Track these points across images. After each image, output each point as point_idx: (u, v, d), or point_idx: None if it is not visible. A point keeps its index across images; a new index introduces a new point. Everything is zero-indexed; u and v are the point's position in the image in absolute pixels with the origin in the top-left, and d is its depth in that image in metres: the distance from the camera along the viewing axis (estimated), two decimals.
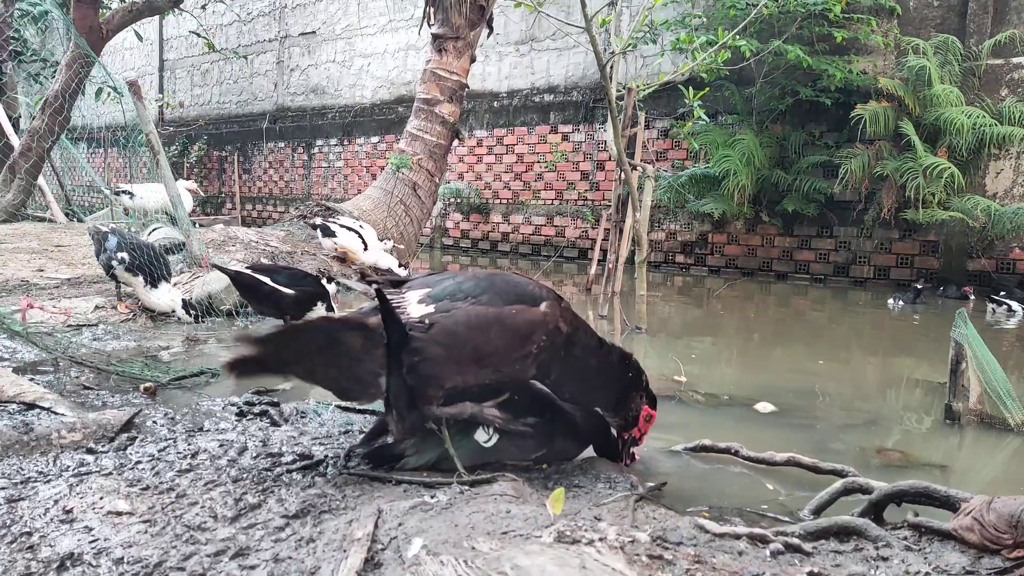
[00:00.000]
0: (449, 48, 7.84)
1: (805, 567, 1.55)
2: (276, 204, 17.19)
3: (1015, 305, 6.84)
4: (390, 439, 2.14)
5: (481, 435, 2.12)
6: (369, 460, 2.13)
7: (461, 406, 2.03)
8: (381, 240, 6.90)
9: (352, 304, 5.33)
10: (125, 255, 4.41)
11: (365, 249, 6.51)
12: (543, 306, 2.08)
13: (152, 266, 4.48)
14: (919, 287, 7.66)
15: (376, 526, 1.61)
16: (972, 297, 7.72)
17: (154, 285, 4.52)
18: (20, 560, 1.49)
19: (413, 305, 2.03)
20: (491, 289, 2.07)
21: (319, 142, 16.19)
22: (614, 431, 2.35)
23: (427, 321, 1.98)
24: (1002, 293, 7.24)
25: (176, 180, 7.80)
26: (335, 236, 6.57)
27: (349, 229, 6.65)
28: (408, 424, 2.06)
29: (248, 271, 4.28)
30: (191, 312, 4.64)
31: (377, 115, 14.89)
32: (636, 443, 2.36)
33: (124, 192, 7.14)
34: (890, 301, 7.53)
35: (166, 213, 7.44)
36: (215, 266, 4.49)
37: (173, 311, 4.63)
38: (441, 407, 2.00)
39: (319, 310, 4.28)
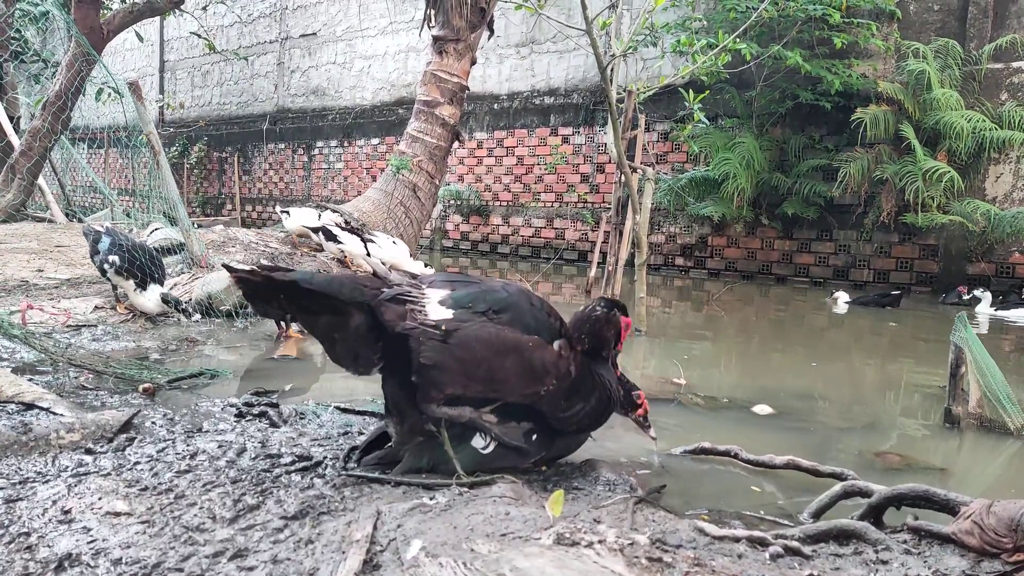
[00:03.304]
0: (449, 50, 7.84)
1: (805, 570, 1.55)
2: (276, 205, 17.18)
3: None
4: (389, 445, 2.14)
5: (479, 441, 2.11)
6: (368, 465, 2.13)
7: (460, 410, 2.03)
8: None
9: None
10: (115, 258, 4.37)
11: (368, 255, 6.50)
12: (557, 345, 2.06)
13: (144, 269, 4.44)
14: (893, 293, 7.78)
15: (375, 528, 1.61)
16: (965, 297, 7.72)
17: (144, 288, 4.49)
18: (18, 560, 1.49)
19: (433, 305, 1.99)
20: (514, 308, 2.04)
21: (319, 144, 16.19)
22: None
23: (444, 328, 1.94)
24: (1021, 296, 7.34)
25: (306, 210, 7.72)
26: (341, 242, 6.54)
27: (353, 233, 6.63)
28: (409, 425, 2.05)
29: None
30: (176, 307, 4.61)
31: (377, 117, 14.90)
32: (647, 420, 2.38)
33: (284, 212, 7.51)
34: (835, 298, 7.82)
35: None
36: (225, 266, 4.48)
37: (165, 313, 4.61)
38: (441, 407, 2.00)
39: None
